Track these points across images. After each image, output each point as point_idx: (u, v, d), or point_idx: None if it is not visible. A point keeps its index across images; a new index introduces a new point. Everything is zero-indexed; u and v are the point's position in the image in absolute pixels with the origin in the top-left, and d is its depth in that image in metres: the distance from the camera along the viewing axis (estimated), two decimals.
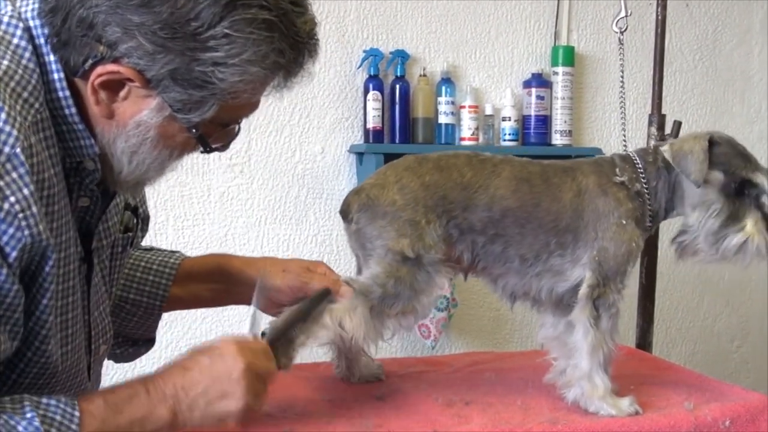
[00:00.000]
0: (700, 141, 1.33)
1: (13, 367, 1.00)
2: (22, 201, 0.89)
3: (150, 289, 1.32)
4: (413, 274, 1.26)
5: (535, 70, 2.75)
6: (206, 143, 1.02)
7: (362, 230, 1.30)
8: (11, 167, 0.88)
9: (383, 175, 1.32)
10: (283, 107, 2.51)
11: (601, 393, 1.29)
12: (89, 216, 1.08)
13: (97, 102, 0.96)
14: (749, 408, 1.31)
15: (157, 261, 1.33)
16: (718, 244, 1.33)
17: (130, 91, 0.95)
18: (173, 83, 0.93)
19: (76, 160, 1.01)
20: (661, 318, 3.00)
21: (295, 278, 1.28)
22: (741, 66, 3.13)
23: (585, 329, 1.31)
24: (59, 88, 0.96)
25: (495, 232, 1.31)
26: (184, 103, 0.95)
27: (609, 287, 1.31)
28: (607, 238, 1.31)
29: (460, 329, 2.78)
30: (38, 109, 0.94)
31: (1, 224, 0.88)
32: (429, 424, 1.24)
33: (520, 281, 1.35)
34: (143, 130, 0.97)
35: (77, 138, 0.99)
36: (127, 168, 1.02)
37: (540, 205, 1.31)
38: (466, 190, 1.30)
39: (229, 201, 2.49)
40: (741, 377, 3.17)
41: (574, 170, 1.36)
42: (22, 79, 0.93)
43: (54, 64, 0.96)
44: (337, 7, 2.54)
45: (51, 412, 0.92)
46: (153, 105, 0.96)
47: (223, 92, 0.95)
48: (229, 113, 1.01)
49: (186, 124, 0.98)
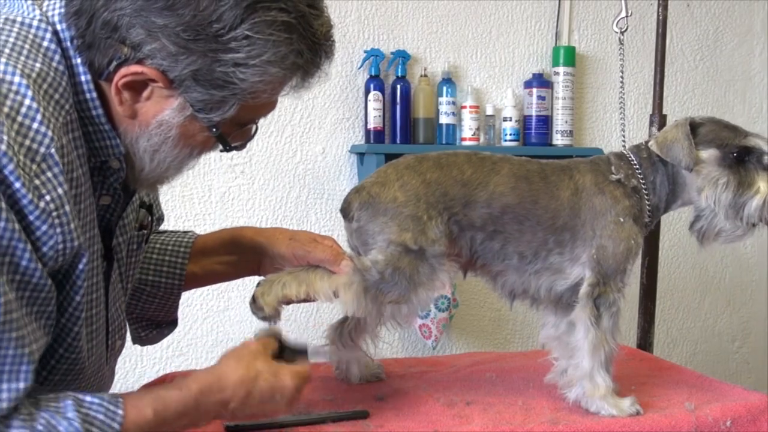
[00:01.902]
0: (681, 127, 1.34)
1: (45, 364, 1.02)
2: (56, 200, 0.91)
3: (168, 269, 1.35)
4: (415, 266, 1.26)
5: (536, 71, 2.75)
6: (226, 142, 1.04)
7: (363, 227, 1.30)
8: (47, 167, 0.91)
9: (384, 174, 1.32)
10: (284, 108, 2.51)
11: (602, 392, 1.29)
12: (110, 214, 1.11)
13: (121, 102, 0.98)
14: (750, 408, 1.31)
15: (171, 242, 1.36)
16: (740, 213, 1.32)
17: (152, 92, 0.98)
18: (195, 83, 0.96)
19: (101, 159, 1.03)
20: (662, 318, 3.00)
21: (300, 247, 1.30)
22: (742, 66, 3.13)
23: (586, 328, 1.31)
24: (86, 90, 0.99)
25: (494, 229, 1.31)
26: (205, 103, 0.98)
27: (609, 286, 1.31)
28: (606, 237, 1.32)
29: (461, 329, 2.78)
30: (68, 111, 0.97)
31: (36, 221, 0.90)
32: (430, 424, 1.24)
33: (518, 279, 1.35)
34: (165, 129, 1.00)
35: (104, 138, 1.02)
36: (149, 166, 1.04)
37: (538, 202, 1.32)
38: (466, 186, 1.30)
39: (230, 201, 2.49)
40: (742, 377, 3.17)
41: (571, 169, 1.36)
42: (54, 82, 0.96)
43: (81, 67, 0.98)
44: (338, 8, 2.54)
45: (94, 410, 0.93)
46: (175, 105, 0.98)
47: (244, 92, 0.97)
48: (248, 113, 1.03)
49: (207, 123, 1.00)
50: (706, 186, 1.34)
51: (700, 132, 1.35)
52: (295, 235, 1.33)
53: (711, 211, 1.34)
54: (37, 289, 0.92)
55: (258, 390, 1.06)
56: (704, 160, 1.33)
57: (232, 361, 1.08)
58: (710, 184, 1.33)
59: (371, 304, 1.27)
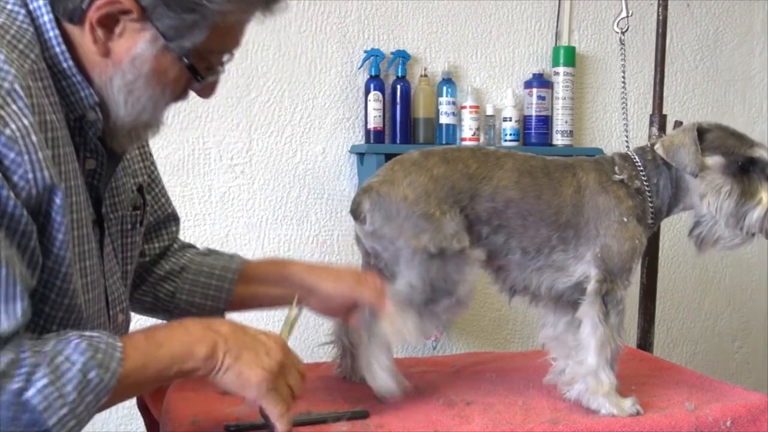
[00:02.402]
0: (688, 132, 1.34)
1: (40, 312, 1.03)
2: (22, 129, 0.93)
3: (214, 293, 1.38)
4: (443, 268, 1.27)
5: (536, 71, 2.75)
6: (196, 71, 1.07)
7: (378, 231, 1.30)
8: (11, 100, 0.93)
9: (391, 171, 1.32)
10: (284, 107, 2.51)
11: (606, 389, 1.29)
12: (96, 180, 1.13)
13: (95, 40, 1.02)
14: (750, 408, 1.31)
15: (219, 266, 1.39)
16: (741, 222, 1.33)
17: (125, 27, 1.02)
18: (167, 9, 1.00)
19: (78, 113, 1.06)
20: (662, 318, 3.00)
21: (348, 288, 1.34)
22: (742, 66, 3.12)
23: (594, 325, 1.31)
24: (55, 44, 1.02)
25: (499, 223, 1.32)
26: (176, 29, 1.02)
27: (616, 283, 1.32)
28: (610, 236, 1.32)
29: (462, 329, 2.78)
30: (34, 60, 0.99)
31: (3, 149, 0.91)
32: (430, 424, 1.24)
33: (520, 275, 1.35)
34: (138, 63, 1.03)
35: (77, 90, 1.05)
36: (123, 109, 1.07)
37: (541, 197, 1.32)
38: (472, 180, 1.31)
39: (230, 201, 2.49)
40: (742, 377, 3.17)
41: (574, 167, 1.36)
42: (17, 34, 0.99)
43: (49, 24, 1.02)
44: (338, 8, 2.54)
45: (96, 340, 0.97)
46: (147, 37, 1.02)
47: (213, 13, 1.02)
48: (216, 41, 1.06)
49: (178, 52, 1.04)
50: (709, 193, 1.34)
51: (706, 138, 1.34)
52: (341, 275, 1.36)
53: (711, 218, 1.35)
54: (13, 219, 0.93)
55: (246, 334, 1.10)
56: (709, 166, 1.33)
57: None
58: (713, 191, 1.34)
59: (430, 323, 1.30)
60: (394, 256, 1.30)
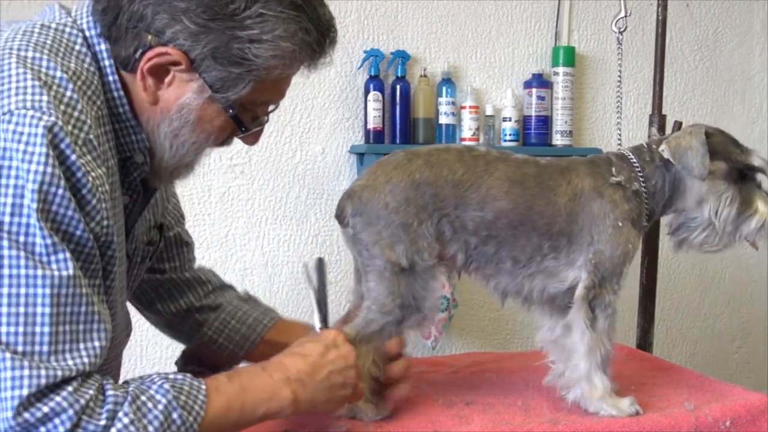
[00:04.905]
0: (697, 135, 1.32)
1: None
2: (100, 177, 0.98)
3: (239, 340, 1.41)
4: (411, 284, 1.25)
5: (535, 71, 2.75)
6: (241, 123, 1.11)
7: (358, 236, 1.28)
8: (87, 150, 0.97)
9: (373, 175, 1.29)
10: (284, 108, 2.50)
11: (600, 393, 1.29)
12: (127, 215, 1.16)
13: (145, 89, 1.06)
14: (750, 408, 1.31)
15: (253, 316, 1.43)
16: (738, 230, 1.34)
17: (174, 77, 1.05)
18: (214, 62, 1.04)
19: (126, 155, 1.09)
20: (661, 318, 3.00)
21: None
22: (742, 66, 3.12)
23: (581, 331, 1.30)
24: (114, 89, 1.07)
25: (487, 234, 1.28)
26: (223, 81, 1.05)
27: (605, 288, 1.30)
28: (603, 241, 1.30)
29: (461, 330, 2.78)
30: (99, 107, 1.04)
31: (87, 195, 0.96)
32: (430, 424, 1.24)
33: (512, 281, 1.33)
34: (185, 113, 1.07)
35: (130, 134, 1.09)
36: (168, 153, 1.10)
37: (533, 208, 1.29)
38: (458, 187, 1.27)
39: (229, 201, 2.49)
40: (742, 378, 3.17)
41: (569, 171, 1.33)
42: (87, 80, 1.03)
43: (109, 68, 1.06)
44: (338, 8, 2.53)
45: (179, 382, 1.00)
46: (195, 87, 1.06)
47: (259, 68, 1.05)
48: (261, 93, 1.10)
49: (224, 103, 1.07)
50: (710, 198, 1.33)
51: (711, 142, 1.32)
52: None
53: (706, 223, 1.34)
54: (93, 261, 0.97)
55: (318, 371, 1.14)
56: (712, 171, 1.32)
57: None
58: (714, 196, 1.33)
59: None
60: (368, 262, 1.27)
